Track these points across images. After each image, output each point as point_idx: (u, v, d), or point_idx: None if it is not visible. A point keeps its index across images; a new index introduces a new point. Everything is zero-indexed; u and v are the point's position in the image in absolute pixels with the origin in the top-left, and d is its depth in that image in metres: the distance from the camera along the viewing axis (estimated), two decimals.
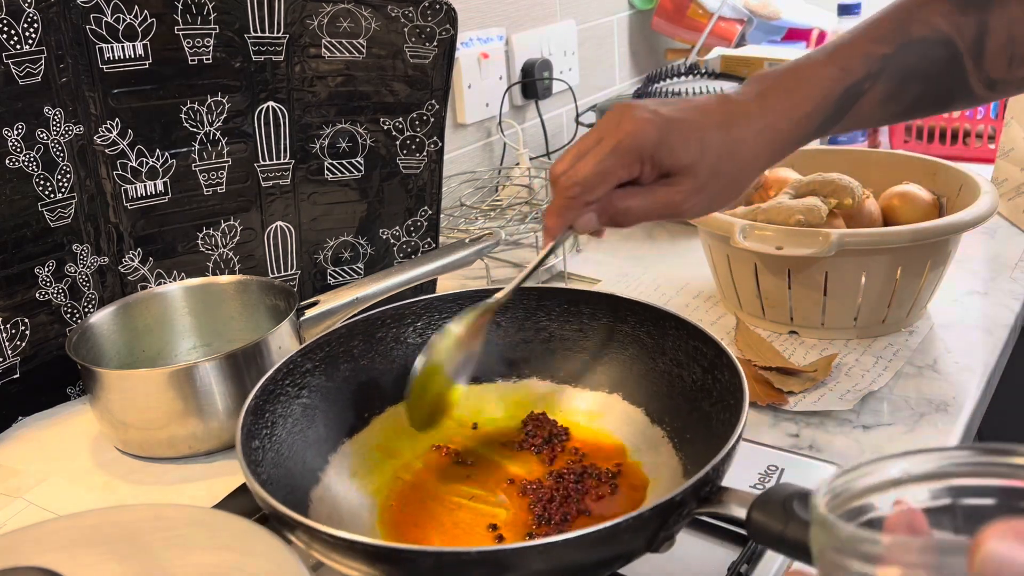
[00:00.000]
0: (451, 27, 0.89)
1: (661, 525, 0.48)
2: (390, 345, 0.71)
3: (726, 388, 0.59)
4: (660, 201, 0.58)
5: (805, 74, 0.61)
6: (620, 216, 0.59)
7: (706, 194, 0.59)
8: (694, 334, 0.64)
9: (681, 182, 0.58)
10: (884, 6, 0.63)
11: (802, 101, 0.60)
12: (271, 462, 0.59)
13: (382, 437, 0.68)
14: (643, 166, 0.57)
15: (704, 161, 0.58)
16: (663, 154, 0.57)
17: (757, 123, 0.59)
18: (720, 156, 0.58)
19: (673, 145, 0.57)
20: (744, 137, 0.59)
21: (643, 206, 0.58)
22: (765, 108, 0.60)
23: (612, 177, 0.57)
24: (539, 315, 0.72)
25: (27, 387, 0.83)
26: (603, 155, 0.57)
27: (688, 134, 0.57)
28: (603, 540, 0.45)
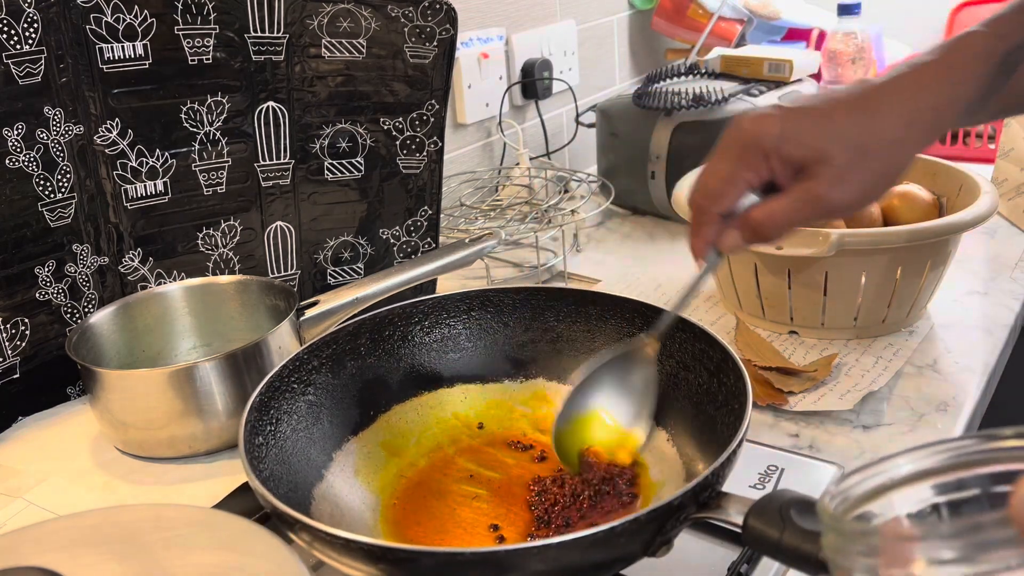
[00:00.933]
0: (451, 27, 0.89)
1: (659, 529, 0.48)
2: (397, 343, 0.71)
3: (731, 392, 0.59)
4: (802, 198, 0.53)
5: (960, 42, 0.55)
6: (764, 227, 0.54)
7: (853, 181, 0.53)
8: (700, 337, 0.64)
9: (819, 172, 0.53)
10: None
11: (957, 67, 0.54)
12: (274, 458, 0.59)
13: (387, 435, 0.68)
14: (770, 162, 0.53)
15: (839, 145, 0.52)
16: (789, 145, 0.53)
17: (902, 98, 0.54)
18: (858, 137, 0.53)
19: (798, 133, 0.53)
20: (885, 114, 0.53)
21: (785, 208, 0.54)
22: (911, 81, 0.54)
23: (738, 180, 0.54)
24: (547, 315, 0.72)
25: (27, 387, 0.83)
26: (727, 160, 0.54)
27: (814, 120, 0.53)
28: (600, 543, 0.45)
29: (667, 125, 1.14)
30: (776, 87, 1.20)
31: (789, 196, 0.54)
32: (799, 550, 0.43)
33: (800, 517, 0.44)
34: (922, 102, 0.54)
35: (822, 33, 1.50)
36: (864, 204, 0.55)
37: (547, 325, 0.72)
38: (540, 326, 0.72)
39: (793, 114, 0.53)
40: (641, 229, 1.20)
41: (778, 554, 0.44)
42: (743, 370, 0.58)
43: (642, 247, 1.15)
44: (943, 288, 0.90)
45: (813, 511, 0.44)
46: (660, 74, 1.23)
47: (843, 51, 1.30)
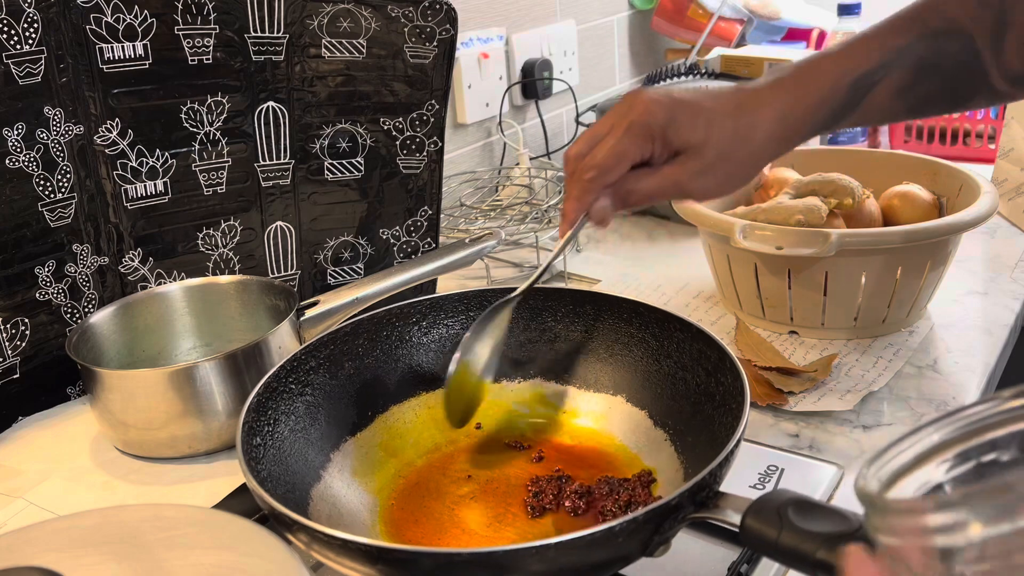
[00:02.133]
0: (451, 27, 0.89)
1: (656, 529, 0.48)
2: (395, 344, 0.71)
3: (728, 392, 0.59)
4: (668, 179, 0.60)
5: (819, 64, 0.62)
6: (630, 196, 0.60)
7: (713, 175, 0.60)
8: (698, 337, 0.64)
9: (688, 161, 0.59)
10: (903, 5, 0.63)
11: (815, 88, 0.61)
12: (272, 459, 0.59)
13: (385, 435, 0.68)
14: (654, 144, 0.59)
15: (712, 141, 0.59)
16: (671, 132, 0.58)
17: (768, 108, 0.60)
18: (729, 138, 0.59)
19: (681, 123, 0.58)
20: (754, 122, 0.60)
21: (651, 184, 0.60)
22: (777, 94, 0.61)
23: (627, 157, 0.59)
24: (544, 316, 0.72)
25: (27, 387, 0.83)
26: (618, 136, 0.58)
27: (697, 114, 0.59)
28: (598, 543, 0.45)
29: None
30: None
31: (657, 176, 0.60)
32: (797, 550, 0.43)
33: (798, 517, 0.44)
34: (784, 120, 0.61)
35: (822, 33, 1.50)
36: (715, 196, 0.62)
37: (545, 325, 0.72)
38: (538, 326, 0.72)
39: (680, 104, 0.59)
40: (641, 229, 1.20)
41: (775, 554, 0.44)
42: (741, 370, 0.58)
43: (642, 247, 1.15)
44: (943, 288, 0.90)
45: (811, 511, 0.44)
46: (660, 74, 1.23)
47: None
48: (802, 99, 0.61)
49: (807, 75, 0.61)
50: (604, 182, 0.59)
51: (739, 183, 0.62)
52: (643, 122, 0.58)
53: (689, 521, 0.49)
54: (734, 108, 0.60)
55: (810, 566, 0.42)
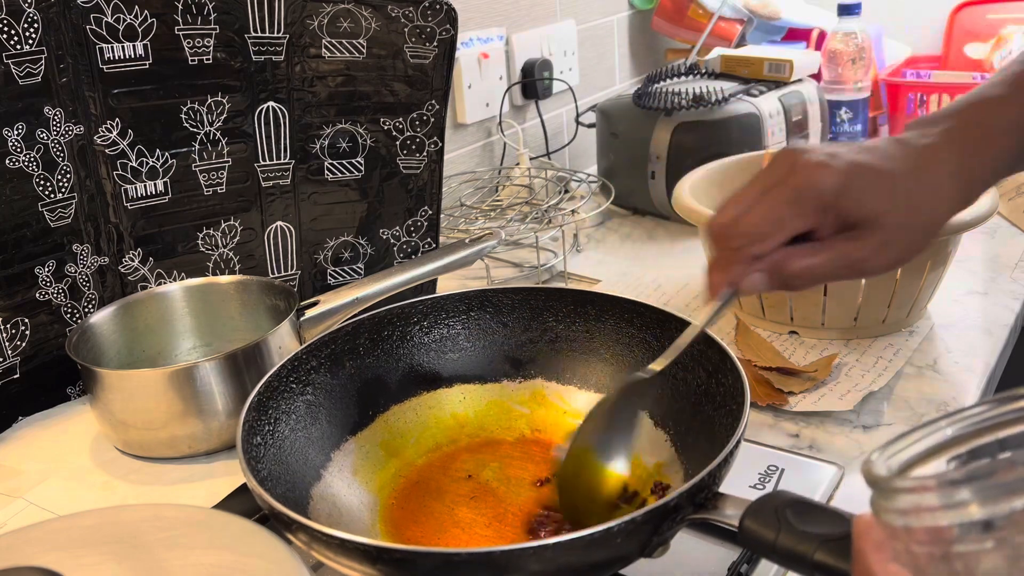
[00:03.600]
0: (451, 27, 0.89)
1: (655, 530, 0.48)
2: (396, 344, 0.71)
3: (729, 392, 0.59)
4: (841, 258, 0.51)
5: (990, 108, 0.55)
6: (798, 279, 0.52)
7: (894, 248, 0.52)
8: (699, 337, 0.64)
9: (866, 235, 0.51)
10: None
11: (992, 139, 0.54)
12: (272, 458, 0.59)
13: (386, 435, 0.68)
14: (824, 216, 0.51)
15: (895, 211, 0.51)
16: (849, 203, 0.50)
17: (949, 166, 0.53)
18: (912, 205, 0.52)
19: (860, 193, 0.50)
20: (937, 183, 0.53)
21: (821, 264, 0.51)
22: (953, 151, 0.53)
23: (786, 228, 0.51)
24: (545, 315, 0.72)
25: (27, 387, 0.83)
26: (777, 202, 0.51)
27: (876, 181, 0.51)
28: (597, 544, 0.45)
29: (667, 125, 1.14)
30: (776, 87, 1.20)
31: (827, 255, 0.52)
32: (794, 551, 0.43)
33: (796, 518, 0.44)
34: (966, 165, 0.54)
35: (822, 33, 1.50)
36: (891, 269, 0.54)
37: (546, 325, 0.72)
38: (539, 326, 0.72)
39: (854, 169, 0.51)
40: (641, 229, 1.20)
41: (773, 555, 0.44)
42: (741, 370, 0.58)
43: (642, 247, 1.15)
44: (943, 288, 0.90)
45: (809, 512, 0.44)
46: (660, 74, 1.23)
47: (843, 51, 1.30)
48: (980, 153, 0.54)
49: (979, 126, 0.54)
50: (755, 252, 0.51)
51: (916, 253, 0.54)
52: (811, 190, 0.50)
53: (688, 522, 0.49)
54: (913, 169, 0.52)
55: (808, 567, 0.42)
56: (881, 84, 1.42)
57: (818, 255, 0.52)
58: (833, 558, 0.41)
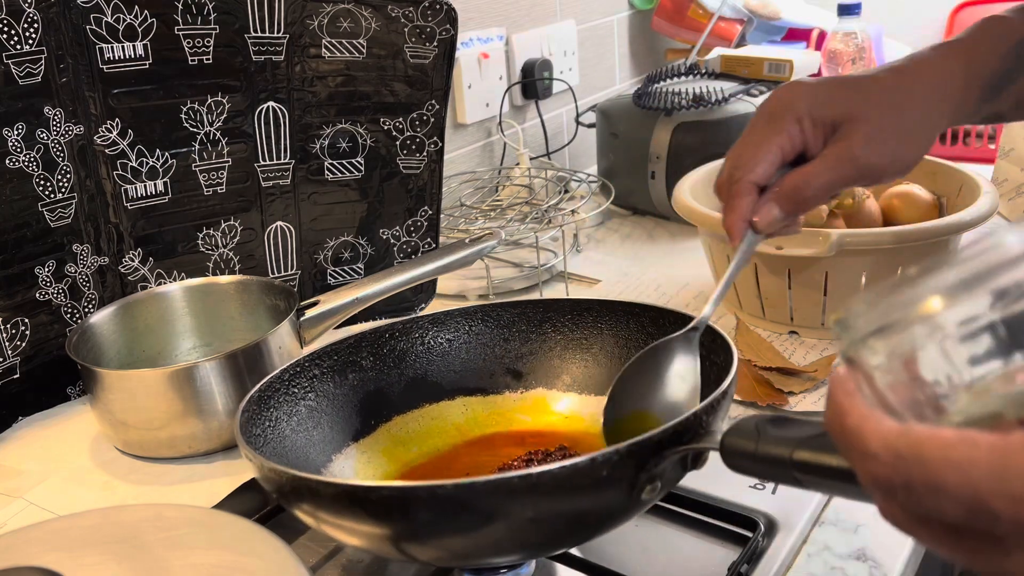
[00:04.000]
0: (451, 27, 0.89)
1: (641, 466, 0.47)
2: (398, 358, 0.71)
3: (722, 369, 0.59)
4: (837, 158, 0.53)
5: (984, 23, 0.56)
6: (801, 192, 0.53)
7: (888, 141, 0.53)
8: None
9: (853, 131, 0.52)
10: None
11: (981, 43, 0.55)
12: (272, 452, 0.59)
13: (388, 444, 0.68)
14: (802, 126, 0.53)
15: (874, 106, 0.53)
16: (820, 107, 0.53)
17: (928, 70, 0.54)
18: (890, 100, 0.53)
19: (830, 97, 0.53)
20: (916, 81, 0.54)
21: (820, 171, 0.53)
22: (939, 56, 0.55)
23: (771, 146, 0.53)
24: (545, 327, 0.73)
25: (27, 387, 0.83)
26: (757, 128, 0.54)
27: (847, 85, 0.54)
28: (579, 475, 0.45)
29: (667, 125, 1.14)
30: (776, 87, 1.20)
31: (824, 158, 0.53)
32: (773, 454, 0.43)
33: (774, 429, 0.44)
34: (947, 75, 0.54)
35: (822, 33, 1.50)
36: (899, 169, 0.54)
37: (545, 336, 0.73)
38: (539, 337, 0.73)
39: (825, 81, 0.54)
40: (641, 229, 1.20)
41: (754, 464, 0.45)
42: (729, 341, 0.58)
43: (642, 247, 1.15)
44: None
45: (786, 423, 0.44)
46: (660, 74, 1.23)
47: (843, 51, 1.30)
48: (969, 54, 0.55)
49: (973, 35, 0.55)
50: (752, 178, 0.53)
51: (915, 152, 0.54)
52: (781, 105, 0.53)
53: (674, 455, 0.48)
54: (889, 71, 0.54)
55: (788, 467, 0.42)
56: None
57: (814, 164, 0.53)
58: (811, 454, 0.41)
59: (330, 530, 0.51)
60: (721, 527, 0.61)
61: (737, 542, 0.60)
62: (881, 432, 0.30)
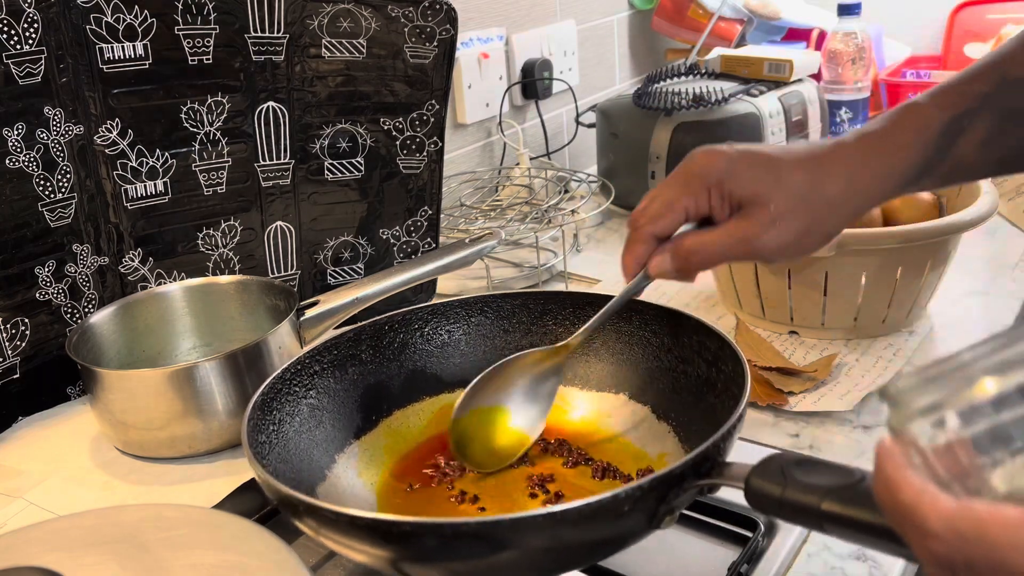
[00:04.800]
0: (451, 27, 0.89)
1: (661, 499, 0.48)
2: (397, 350, 0.71)
3: (730, 377, 0.59)
4: (735, 235, 0.55)
5: (903, 113, 0.57)
6: (693, 255, 0.56)
7: (786, 227, 0.54)
8: (698, 329, 0.64)
9: (753, 214, 0.54)
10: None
11: (899, 136, 0.57)
12: (277, 457, 0.59)
13: (389, 439, 0.68)
14: (710, 196, 0.55)
15: (780, 190, 0.54)
16: (732, 183, 0.54)
17: (847, 161, 0.56)
18: (801, 189, 0.54)
19: (742, 172, 0.54)
20: (830, 172, 0.55)
21: (715, 241, 0.55)
22: (858, 145, 0.56)
23: (678, 207, 0.55)
24: (546, 319, 0.73)
25: (27, 387, 0.83)
26: (672, 186, 0.56)
27: (762, 164, 0.55)
28: (604, 510, 0.45)
29: (667, 125, 1.14)
30: (776, 87, 1.20)
31: (722, 231, 0.55)
32: (801, 503, 0.43)
33: (801, 473, 0.44)
34: (864, 169, 0.56)
35: (822, 33, 1.50)
36: (793, 254, 0.56)
37: (546, 328, 0.73)
38: (539, 330, 0.73)
39: (742, 155, 0.55)
40: None
41: (781, 510, 0.45)
42: (740, 355, 0.58)
43: None
44: (943, 288, 0.90)
45: (813, 467, 0.45)
46: (660, 74, 1.23)
47: (843, 51, 1.30)
48: (885, 149, 0.56)
49: (891, 125, 0.57)
50: (652, 230, 0.56)
51: (819, 240, 0.56)
52: (698, 171, 0.55)
53: (695, 489, 0.49)
54: (806, 157, 0.55)
55: (816, 517, 0.43)
56: (881, 84, 1.42)
57: (712, 232, 0.56)
58: (840, 506, 0.41)
59: (332, 544, 0.50)
60: (721, 527, 0.61)
61: (737, 542, 0.60)
62: (938, 509, 0.30)
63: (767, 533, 0.60)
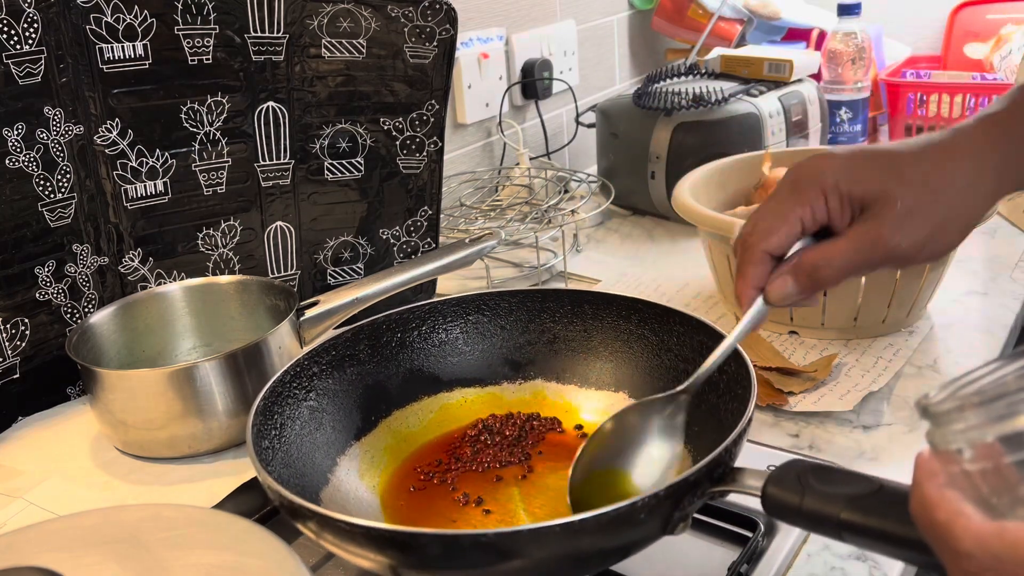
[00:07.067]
0: (451, 27, 0.89)
1: (676, 505, 0.48)
2: (395, 349, 0.71)
3: (733, 379, 0.59)
4: (863, 239, 0.49)
5: (1020, 96, 0.53)
6: (820, 270, 0.50)
7: (920, 222, 0.49)
8: (699, 329, 0.64)
9: (882, 212, 0.49)
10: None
11: (1017, 127, 0.52)
12: (281, 462, 0.59)
13: (390, 439, 0.68)
14: (828, 201, 0.50)
15: (906, 185, 0.49)
16: (850, 183, 0.49)
17: (971, 145, 0.51)
18: (928, 179, 0.50)
19: (862, 173, 0.49)
20: (956, 159, 0.51)
21: (844, 251, 0.50)
22: (981, 128, 0.52)
23: (791, 217, 0.50)
24: (543, 317, 0.73)
25: (27, 387, 0.83)
26: (780, 196, 0.50)
27: (881, 161, 0.50)
28: (621, 520, 0.45)
29: (667, 125, 1.14)
30: (776, 87, 1.20)
31: (848, 237, 0.50)
32: (821, 512, 0.43)
33: (819, 482, 0.44)
34: (993, 153, 0.52)
35: (822, 33, 1.50)
36: (931, 253, 0.51)
37: (544, 326, 0.73)
38: (537, 328, 0.73)
39: (856, 154, 0.51)
40: (641, 229, 1.20)
41: (800, 518, 0.45)
42: (744, 355, 0.58)
43: (642, 247, 1.15)
44: (943, 288, 0.90)
45: (831, 475, 0.44)
46: (660, 74, 1.23)
47: (843, 51, 1.30)
48: (1015, 129, 0.52)
49: (1014, 107, 0.53)
50: (766, 248, 0.50)
51: (957, 232, 0.51)
52: (809, 177, 0.49)
53: (709, 496, 0.49)
54: (928, 147, 0.51)
55: (835, 527, 0.43)
56: (881, 84, 1.42)
57: (837, 243, 0.50)
58: (860, 516, 0.42)
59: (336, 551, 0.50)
60: (721, 527, 0.61)
61: (737, 542, 0.60)
62: (972, 530, 0.30)
63: (767, 533, 0.60)
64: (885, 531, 0.40)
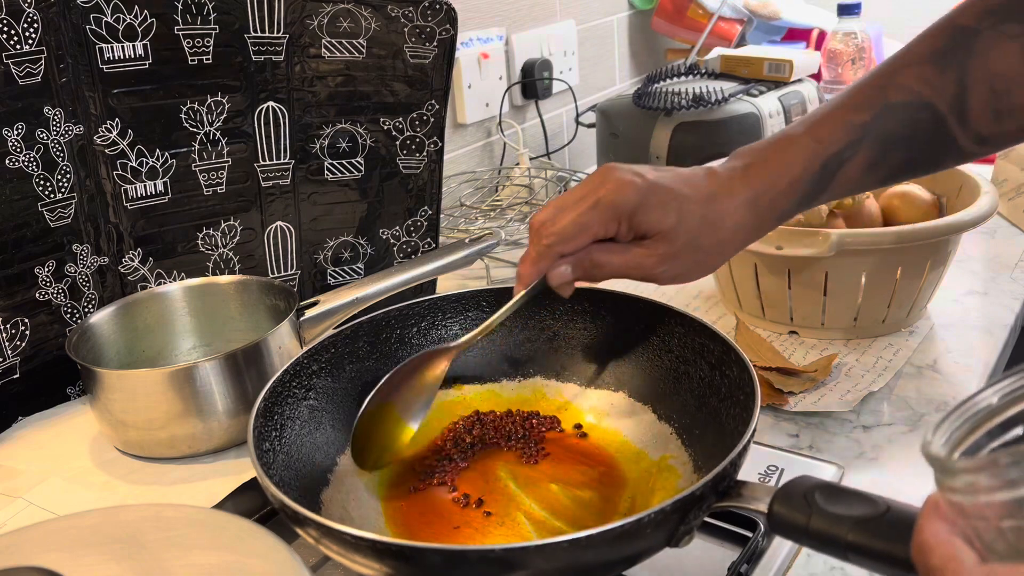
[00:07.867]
0: (451, 27, 0.89)
1: (682, 519, 0.48)
2: (395, 346, 0.71)
3: (735, 384, 0.59)
4: (634, 262, 0.59)
5: (785, 147, 0.60)
6: (594, 270, 0.59)
7: (680, 262, 0.59)
8: (700, 331, 0.64)
9: (656, 246, 0.58)
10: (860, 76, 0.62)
11: (783, 174, 0.60)
12: (282, 464, 0.59)
13: None
14: (620, 225, 0.58)
15: (681, 230, 0.58)
16: (640, 216, 0.57)
17: (738, 197, 0.59)
18: (699, 228, 0.58)
19: (652, 209, 0.57)
20: (726, 211, 0.59)
21: (617, 263, 0.59)
22: (747, 181, 0.60)
23: (589, 231, 0.58)
24: (543, 314, 0.72)
25: (27, 387, 0.83)
26: (583, 209, 0.57)
27: (668, 201, 0.58)
28: (627, 535, 0.45)
29: (667, 125, 1.14)
30: (776, 87, 1.20)
31: (623, 256, 0.59)
32: (828, 533, 0.43)
33: (826, 501, 0.44)
34: (753, 211, 0.59)
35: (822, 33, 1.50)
36: (682, 281, 0.61)
37: (543, 324, 0.72)
38: (536, 325, 0.73)
39: (652, 188, 0.58)
40: None
41: (806, 538, 0.45)
42: (747, 361, 0.58)
43: None
44: (943, 288, 0.90)
45: (838, 495, 0.44)
46: (660, 74, 1.23)
47: (843, 51, 1.30)
48: (772, 186, 0.59)
49: (775, 161, 0.60)
50: (561, 251, 0.58)
51: (705, 271, 0.61)
52: (611, 201, 0.57)
53: (714, 510, 0.49)
54: (706, 196, 0.59)
55: (842, 548, 0.43)
56: None
57: (616, 255, 0.59)
58: (867, 538, 0.41)
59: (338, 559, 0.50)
60: (721, 527, 0.61)
61: (737, 542, 0.60)
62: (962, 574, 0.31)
63: (767, 533, 0.60)
64: (892, 554, 0.40)
